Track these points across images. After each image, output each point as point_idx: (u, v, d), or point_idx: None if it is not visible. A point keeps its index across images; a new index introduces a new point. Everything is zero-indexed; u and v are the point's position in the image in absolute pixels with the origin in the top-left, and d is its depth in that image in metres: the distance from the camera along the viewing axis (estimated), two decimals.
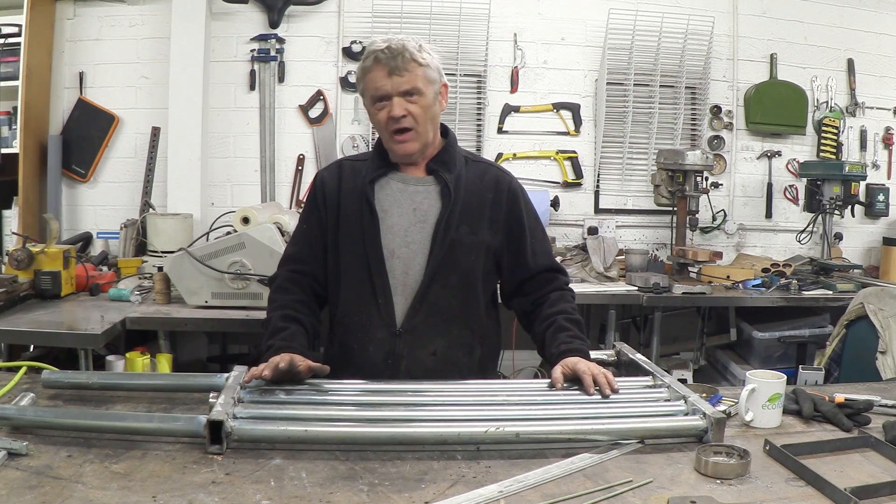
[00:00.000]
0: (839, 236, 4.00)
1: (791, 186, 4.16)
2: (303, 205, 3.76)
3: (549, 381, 1.60)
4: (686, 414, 1.41)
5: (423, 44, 1.75)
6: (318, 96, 3.85)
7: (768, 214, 4.16)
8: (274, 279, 1.87)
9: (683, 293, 3.30)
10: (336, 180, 1.84)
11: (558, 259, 3.48)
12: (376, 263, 1.74)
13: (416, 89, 1.71)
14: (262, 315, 2.71)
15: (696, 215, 3.51)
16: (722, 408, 1.48)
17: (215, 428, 1.26)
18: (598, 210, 4.06)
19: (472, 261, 1.79)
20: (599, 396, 1.51)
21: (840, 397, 1.54)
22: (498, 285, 1.94)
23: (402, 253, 1.76)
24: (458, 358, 1.80)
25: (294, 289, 1.81)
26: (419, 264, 1.75)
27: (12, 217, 3.48)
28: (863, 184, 3.84)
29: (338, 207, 1.81)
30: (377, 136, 1.87)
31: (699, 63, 3.99)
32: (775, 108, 4.01)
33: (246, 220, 2.77)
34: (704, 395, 1.56)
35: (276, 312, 1.76)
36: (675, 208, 3.53)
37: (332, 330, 1.87)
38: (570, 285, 1.92)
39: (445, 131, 1.88)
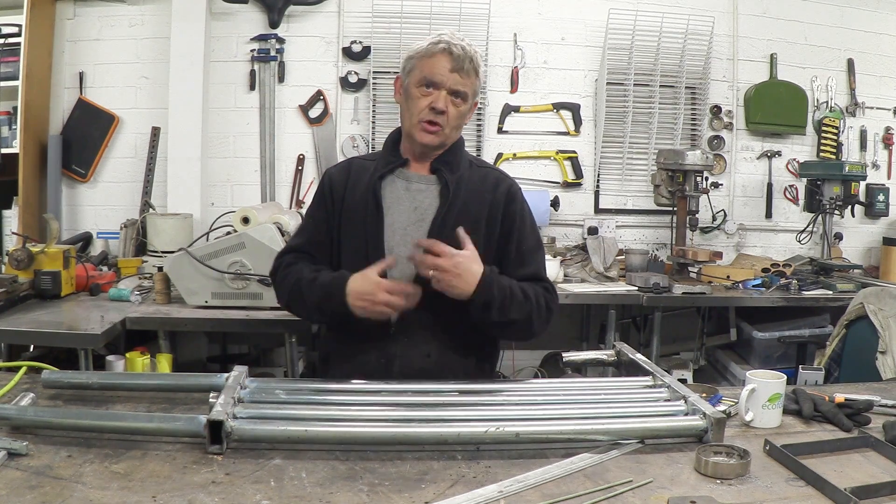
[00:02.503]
0: (839, 236, 4.00)
1: (791, 186, 4.17)
2: (304, 204, 3.80)
3: (548, 381, 1.60)
4: (686, 414, 1.41)
5: (481, 59, 1.79)
6: (318, 96, 3.84)
7: (768, 214, 4.16)
8: (275, 269, 1.85)
9: (683, 293, 3.30)
10: (344, 177, 1.84)
11: (557, 259, 3.52)
12: (375, 260, 1.73)
13: (464, 94, 1.74)
14: (263, 315, 2.73)
15: (696, 215, 3.51)
16: (722, 408, 1.48)
17: (215, 428, 1.26)
18: (598, 210, 4.06)
19: None
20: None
21: (840, 397, 1.54)
22: None
23: (402, 251, 1.75)
24: (453, 361, 1.78)
25: (298, 262, 1.81)
26: None
27: (12, 217, 3.48)
28: (863, 184, 3.84)
29: (343, 203, 1.81)
30: (381, 134, 1.86)
31: (699, 63, 3.99)
32: (775, 108, 4.02)
33: (246, 220, 2.76)
34: (704, 395, 1.56)
35: (295, 276, 1.75)
36: (675, 208, 3.53)
37: (330, 326, 1.86)
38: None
39: None
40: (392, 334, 1.73)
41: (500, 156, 3.93)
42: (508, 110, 3.94)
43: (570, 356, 1.94)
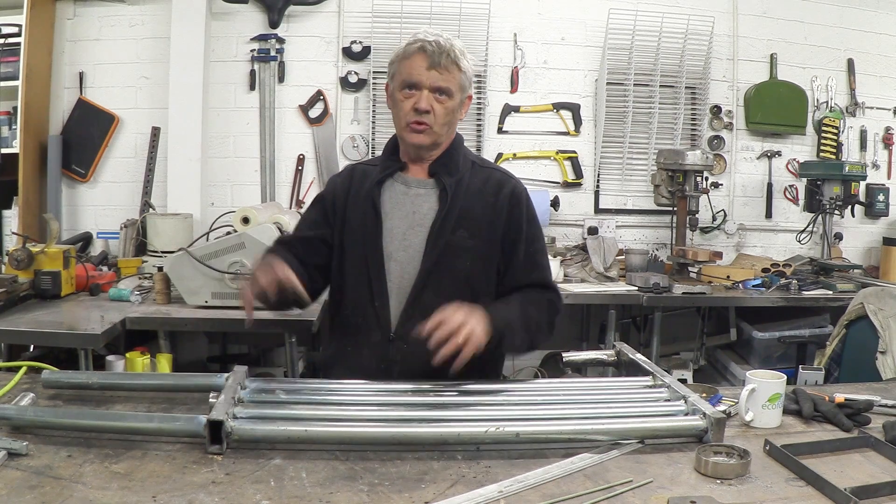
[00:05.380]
0: (839, 236, 4.00)
1: (791, 186, 4.17)
2: (304, 204, 3.80)
3: (548, 381, 1.59)
4: (686, 414, 1.41)
5: (465, 50, 1.75)
6: (318, 96, 3.85)
7: (768, 214, 4.16)
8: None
9: (683, 293, 3.30)
10: (347, 184, 1.85)
11: (558, 259, 3.52)
12: (374, 266, 1.74)
13: (448, 90, 1.71)
14: (262, 315, 2.71)
15: (696, 215, 3.52)
16: (722, 408, 1.47)
17: (215, 428, 1.26)
18: (598, 210, 4.06)
19: (468, 267, 1.75)
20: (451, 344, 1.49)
21: (840, 397, 1.54)
22: None
23: (400, 256, 1.74)
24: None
25: (277, 247, 1.83)
26: (414, 268, 1.73)
27: (12, 217, 3.48)
28: (863, 184, 3.85)
29: (345, 209, 1.81)
30: (381, 134, 1.86)
31: (699, 63, 3.99)
32: (775, 108, 4.02)
33: (246, 220, 2.77)
34: (704, 395, 1.56)
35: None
36: (675, 208, 3.54)
37: (333, 330, 1.86)
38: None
39: None
40: (392, 340, 1.72)
41: (500, 156, 3.94)
42: (508, 110, 3.94)
43: (570, 356, 1.94)
